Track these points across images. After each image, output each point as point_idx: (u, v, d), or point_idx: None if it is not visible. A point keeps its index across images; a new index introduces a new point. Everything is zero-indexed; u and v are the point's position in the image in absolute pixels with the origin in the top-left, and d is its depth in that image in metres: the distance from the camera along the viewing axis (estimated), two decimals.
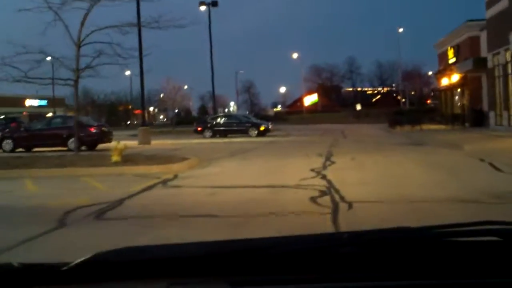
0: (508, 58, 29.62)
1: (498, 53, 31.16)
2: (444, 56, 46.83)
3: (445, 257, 1.48)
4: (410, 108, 65.01)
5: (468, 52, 38.37)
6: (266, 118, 79.00)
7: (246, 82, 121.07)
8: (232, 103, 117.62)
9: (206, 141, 34.45)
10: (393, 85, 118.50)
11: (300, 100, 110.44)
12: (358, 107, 73.08)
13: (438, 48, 49.79)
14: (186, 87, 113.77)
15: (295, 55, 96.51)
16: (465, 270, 1.43)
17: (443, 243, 1.51)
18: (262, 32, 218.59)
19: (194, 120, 54.44)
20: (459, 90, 43.15)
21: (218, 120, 40.45)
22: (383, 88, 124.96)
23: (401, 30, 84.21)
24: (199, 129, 40.28)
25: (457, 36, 42.01)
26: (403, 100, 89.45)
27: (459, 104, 43.60)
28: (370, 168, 15.34)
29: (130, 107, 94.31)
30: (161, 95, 53.55)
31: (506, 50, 29.24)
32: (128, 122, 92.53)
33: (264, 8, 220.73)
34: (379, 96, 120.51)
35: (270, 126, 40.32)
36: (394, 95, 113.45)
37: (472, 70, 36.24)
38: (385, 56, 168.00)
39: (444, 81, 45.42)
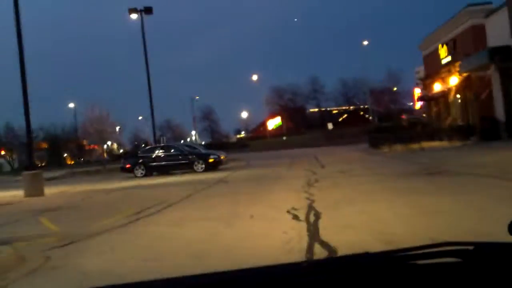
0: None
1: None
2: (432, 57, 38.29)
3: (407, 280, 1.47)
4: (390, 124, 56.48)
5: (471, 44, 29.84)
6: (225, 146, 70.55)
7: (205, 109, 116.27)
8: (193, 132, 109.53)
9: (131, 183, 24.68)
10: (358, 103, 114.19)
11: (263, 124, 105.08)
12: (330, 126, 64.56)
13: (424, 49, 41.18)
14: (140, 117, 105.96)
15: (255, 77, 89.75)
16: None
17: (405, 267, 1.52)
18: (223, 57, 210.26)
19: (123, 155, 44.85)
20: (458, 96, 34.45)
21: (153, 153, 30.77)
22: (349, 106, 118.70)
23: (365, 43, 77.29)
24: (127, 166, 30.59)
25: (452, 28, 33.47)
26: (370, 117, 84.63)
27: (459, 113, 34.84)
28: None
29: (84, 142, 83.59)
30: (84, 125, 43.28)
31: None
32: (82, 159, 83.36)
33: (223, 33, 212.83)
34: (345, 115, 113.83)
35: (223, 157, 30.85)
36: (361, 113, 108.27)
37: (482, 67, 27.64)
38: (349, 74, 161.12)
39: (437, 87, 36.67)
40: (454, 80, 32.52)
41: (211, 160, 29.61)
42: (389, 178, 15.86)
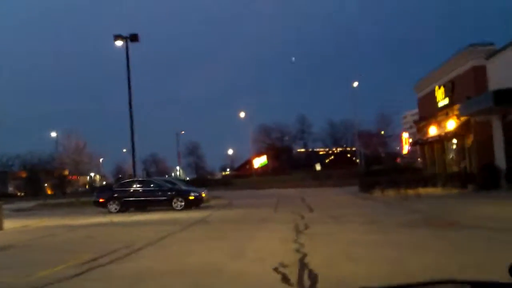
0: None
1: None
2: (428, 99, 36.79)
3: None
4: (381, 167, 54.75)
5: (472, 86, 28.32)
6: (209, 183, 68.29)
7: (190, 144, 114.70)
8: (177, 168, 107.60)
9: (102, 220, 22.42)
10: (344, 145, 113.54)
11: (249, 162, 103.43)
12: (318, 167, 62.63)
13: (419, 91, 39.67)
14: (124, 150, 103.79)
15: (242, 115, 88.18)
16: None
17: None
18: (210, 93, 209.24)
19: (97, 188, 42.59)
20: (454, 140, 32.81)
21: (129, 187, 28.57)
22: (336, 148, 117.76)
23: (355, 84, 76.28)
24: (101, 200, 28.36)
25: (450, 70, 32.00)
26: (357, 160, 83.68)
27: (456, 159, 33.14)
28: None
29: (67, 172, 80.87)
30: (60, 155, 41.06)
31: None
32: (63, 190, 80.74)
33: (211, 69, 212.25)
34: (332, 157, 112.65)
35: (204, 194, 28.75)
36: (349, 155, 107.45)
37: (484, 112, 26.09)
38: (338, 114, 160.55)
39: (432, 131, 35.03)
40: (451, 124, 30.95)
41: (191, 198, 27.48)
42: (389, 229, 13.93)
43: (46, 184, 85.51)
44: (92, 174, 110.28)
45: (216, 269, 8.66)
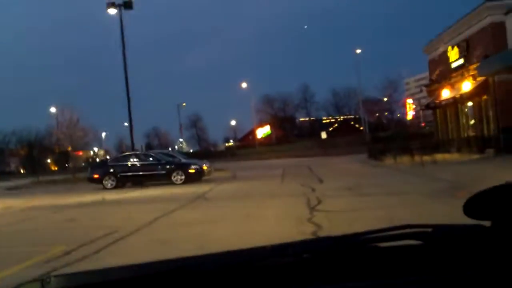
0: None
1: None
2: (440, 61, 34.60)
3: (369, 262, 1.48)
4: (391, 133, 52.83)
5: (490, 44, 26.18)
6: (211, 155, 66.55)
7: (192, 116, 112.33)
8: (181, 140, 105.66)
9: (94, 198, 20.57)
10: (347, 113, 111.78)
11: (252, 133, 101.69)
12: (324, 135, 60.60)
13: (430, 52, 37.38)
14: (126, 124, 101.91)
15: (244, 85, 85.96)
16: (389, 273, 1.43)
17: (367, 249, 1.52)
18: (213, 65, 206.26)
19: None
20: (470, 103, 30.71)
21: (125, 162, 26.69)
22: (339, 116, 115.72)
23: (358, 51, 73.96)
24: (95, 176, 26.53)
25: (465, 28, 29.78)
26: (361, 128, 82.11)
27: (472, 122, 31.07)
28: None
29: (69, 148, 79.05)
30: (54, 129, 39.13)
31: None
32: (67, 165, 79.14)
33: (213, 41, 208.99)
34: (336, 125, 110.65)
35: (205, 167, 26.89)
36: (352, 123, 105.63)
37: (503, 70, 24.05)
38: (341, 82, 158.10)
39: (445, 94, 32.87)
40: (467, 85, 28.81)
41: (191, 171, 25.65)
42: (418, 201, 12.08)
43: (48, 160, 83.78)
44: (95, 149, 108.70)
45: None
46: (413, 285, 1.35)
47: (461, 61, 30.35)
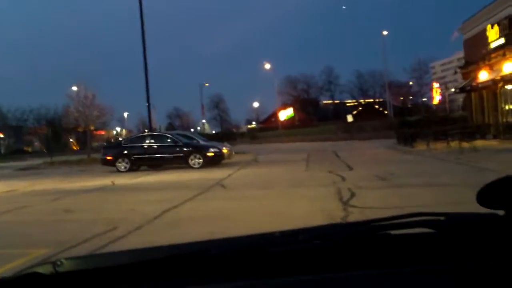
0: None
1: None
2: (477, 40, 32.29)
3: (380, 250, 1.47)
4: (419, 118, 50.68)
5: None
6: (233, 137, 64.90)
7: (214, 97, 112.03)
8: (203, 121, 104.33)
9: (103, 182, 19.04)
10: (372, 96, 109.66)
11: (274, 115, 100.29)
12: (350, 118, 58.35)
13: (466, 32, 35.04)
14: (147, 104, 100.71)
15: (268, 66, 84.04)
16: (400, 262, 1.41)
17: (378, 237, 1.50)
18: (236, 46, 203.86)
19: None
20: (510, 86, 28.46)
21: (140, 143, 25.09)
22: (364, 99, 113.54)
23: (385, 33, 71.43)
24: (108, 158, 25.00)
25: (507, 4, 27.46)
26: (386, 112, 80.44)
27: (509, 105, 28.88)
28: None
29: (92, 127, 78.11)
30: (68, 107, 37.57)
31: None
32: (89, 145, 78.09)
33: (237, 23, 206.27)
34: (360, 108, 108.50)
35: (225, 150, 25.23)
36: (377, 106, 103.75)
37: None
38: (366, 65, 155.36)
39: (482, 76, 30.59)
40: (509, 66, 26.57)
41: (210, 154, 23.99)
42: (469, 195, 10.21)
43: (71, 140, 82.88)
44: (118, 129, 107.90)
45: None
46: (423, 274, 1.33)
47: (502, 40, 28.10)
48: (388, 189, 12.44)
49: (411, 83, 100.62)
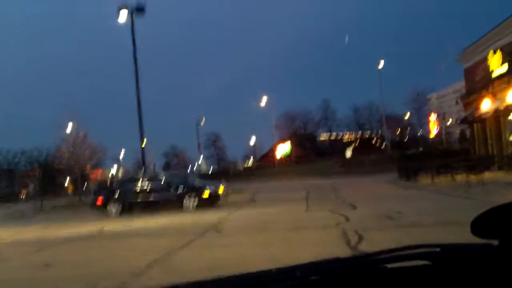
0: None
1: None
2: (478, 69, 31.61)
3: (378, 284, 1.46)
4: (419, 151, 49.86)
5: None
6: (229, 174, 63.78)
7: (211, 135, 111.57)
8: (200, 160, 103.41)
9: (89, 229, 17.84)
10: (369, 130, 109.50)
11: (271, 151, 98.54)
12: (348, 153, 57.50)
13: (466, 61, 34.41)
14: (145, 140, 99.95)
15: (264, 103, 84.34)
16: None
17: (375, 270, 1.49)
18: (231, 82, 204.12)
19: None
20: None
21: (132, 185, 24.00)
22: (361, 133, 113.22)
23: (380, 66, 70.99)
24: (98, 202, 23.91)
25: (509, 31, 26.82)
26: (382, 146, 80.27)
27: None
28: None
29: (88, 167, 76.67)
30: (59, 148, 36.62)
31: None
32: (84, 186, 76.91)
33: (232, 58, 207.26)
34: (358, 142, 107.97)
35: (221, 189, 24.19)
36: (374, 140, 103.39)
37: None
38: (363, 97, 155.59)
39: (485, 105, 29.78)
40: None
41: (205, 196, 22.95)
42: None
43: (66, 182, 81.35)
44: (115, 167, 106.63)
45: None
46: None
47: (505, 67, 27.31)
48: (398, 229, 11.40)
49: (407, 115, 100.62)
